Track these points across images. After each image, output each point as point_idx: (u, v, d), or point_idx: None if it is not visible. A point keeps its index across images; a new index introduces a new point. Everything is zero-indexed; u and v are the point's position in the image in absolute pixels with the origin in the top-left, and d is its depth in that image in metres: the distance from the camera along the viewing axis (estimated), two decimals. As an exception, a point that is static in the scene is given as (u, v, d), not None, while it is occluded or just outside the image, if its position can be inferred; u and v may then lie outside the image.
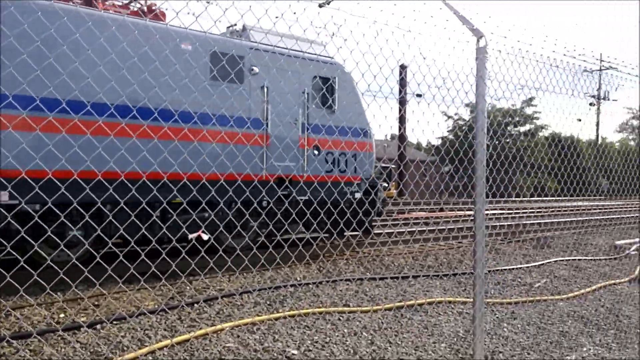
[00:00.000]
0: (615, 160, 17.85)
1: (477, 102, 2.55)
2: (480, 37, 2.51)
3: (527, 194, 24.97)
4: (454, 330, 6.34)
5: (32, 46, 6.76)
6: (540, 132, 33.96)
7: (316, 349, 5.52)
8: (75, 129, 6.96)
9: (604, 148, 33.97)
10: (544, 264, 10.81)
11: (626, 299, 8.22)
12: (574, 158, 5.28)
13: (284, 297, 7.49)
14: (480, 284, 2.66)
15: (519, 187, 23.21)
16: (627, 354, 5.66)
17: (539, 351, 5.66)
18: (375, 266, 10.01)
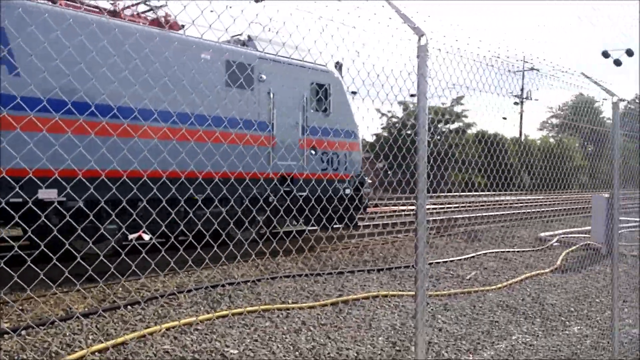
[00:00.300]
0: (536, 156, 18.87)
1: (418, 99, 2.60)
2: (421, 35, 2.57)
3: (458, 189, 25.88)
4: (391, 323, 6.48)
5: (88, 57, 7.29)
6: (468, 129, 35.28)
7: (256, 348, 5.47)
8: (104, 131, 7.70)
9: (527, 145, 35.77)
10: (474, 257, 11.25)
11: (550, 288, 8.71)
12: (500, 154, 5.51)
13: (222, 295, 7.38)
14: (422, 278, 2.72)
15: (451, 182, 24.01)
16: (553, 340, 6.00)
17: (472, 341, 5.89)
18: (313, 262, 10.06)
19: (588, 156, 20.91)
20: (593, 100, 35.99)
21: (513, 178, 24.09)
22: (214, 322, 6.15)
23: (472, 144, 19.18)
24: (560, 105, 58.03)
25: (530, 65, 8.42)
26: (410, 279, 9.07)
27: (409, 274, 9.48)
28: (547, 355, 5.48)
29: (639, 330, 6.39)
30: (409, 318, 6.70)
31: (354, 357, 5.29)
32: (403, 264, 10.11)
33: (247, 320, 6.32)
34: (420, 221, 2.63)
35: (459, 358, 5.34)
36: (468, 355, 5.42)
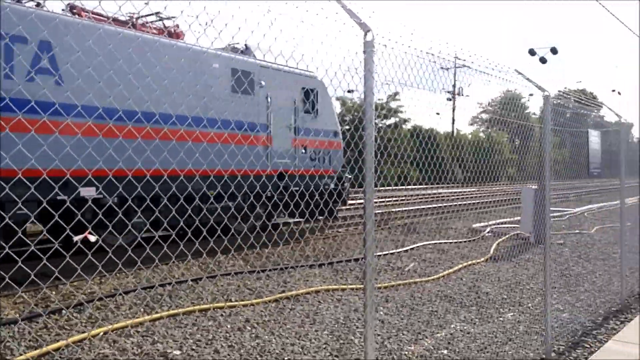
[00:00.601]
0: (467, 150, 19.67)
1: (365, 95, 2.62)
2: (367, 31, 2.59)
3: (397, 182, 26.47)
4: (335, 317, 6.54)
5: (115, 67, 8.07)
6: (404, 124, 36.09)
7: (199, 348, 5.38)
8: (129, 134, 8.25)
9: (459, 140, 37.01)
10: (413, 249, 11.54)
11: (484, 277, 9.07)
12: (433, 149, 5.67)
13: (162, 296, 7.19)
14: (370, 272, 2.75)
15: (390, 177, 24.63)
16: (489, 327, 6.25)
17: (413, 331, 6.04)
18: (255, 259, 9.99)
19: (516, 150, 21.68)
20: (520, 96, 37.64)
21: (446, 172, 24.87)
22: (153, 324, 5.99)
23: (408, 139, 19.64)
24: (490, 101, 60.41)
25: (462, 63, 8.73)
26: (351, 273, 9.19)
27: (350, 267, 9.61)
28: (484, 342, 5.70)
29: (568, 314, 6.79)
30: (351, 311, 6.79)
31: (298, 352, 5.31)
32: (344, 258, 10.23)
33: (189, 320, 6.19)
34: (369, 215, 2.66)
35: (401, 348, 5.46)
36: (410, 346, 5.56)
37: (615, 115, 7.65)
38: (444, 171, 6.98)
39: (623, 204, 7.74)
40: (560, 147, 8.31)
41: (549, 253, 5.32)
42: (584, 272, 9.54)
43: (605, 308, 7.11)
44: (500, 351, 5.40)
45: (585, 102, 7.41)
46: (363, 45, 2.62)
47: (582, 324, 6.39)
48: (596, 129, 20.57)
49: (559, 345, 5.61)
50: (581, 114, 8.04)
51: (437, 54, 3.93)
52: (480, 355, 5.27)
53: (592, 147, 28.05)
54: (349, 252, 11.12)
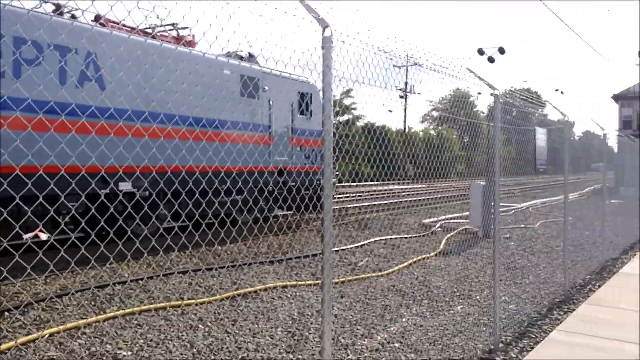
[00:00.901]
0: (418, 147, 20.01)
1: (324, 90, 2.61)
2: (325, 26, 2.58)
3: (349, 179, 26.67)
4: (289, 313, 6.54)
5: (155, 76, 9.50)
6: (357, 121, 36.37)
7: (150, 348, 5.26)
8: (154, 134, 9.07)
9: (410, 137, 37.62)
10: (365, 244, 11.66)
11: (434, 271, 9.27)
12: (385, 145, 5.74)
13: (111, 296, 6.98)
14: (328, 267, 2.76)
15: (342, 172, 24.80)
16: (439, 320, 6.39)
17: (366, 325, 6.11)
18: (207, 256, 9.85)
19: (465, 146, 22.36)
20: (469, 95, 38.67)
21: (398, 168, 25.23)
22: (103, 325, 5.81)
23: (360, 136, 19.89)
24: (440, 99, 61.74)
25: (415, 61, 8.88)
26: (305, 269, 9.20)
27: (304, 263, 9.61)
28: (435, 334, 5.83)
29: (514, 306, 7.03)
30: (306, 307, 6.80)
31: (253, 350, 5.27)
32: (299, 255, 10.23)
33: (140, 320, 6.04)
34: (327, 211, 2.66)
35: (355, 343, 5.51)
36: (363, 340, 5.62)
37: (560, 113, 7.97)
38: (396, 167, 7.08)
39: (567, 199, 8.07)
40: (508, 144, 8.65)
41: (498, 246, 5.49)
42: (529, 265, 9.90)
43: (550, 299, 7.40)
44: (450, 343, 5.53)
45: (531, 100, 7.67)
46: (321, 40, 2.62)
47: (527, 315, 6.63)
48: (541, 126, 21.45)
49: (506, 336, 5.80)
50: (528, 112, 8.33)
51: (391, 51, 3.97)
52: (431, 348, 5.38)
53: (539, 145, 29.60)
54: (303, 247, 11.13)
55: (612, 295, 7.50)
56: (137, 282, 7.69)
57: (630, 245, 12.53)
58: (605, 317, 6.36)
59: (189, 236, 5.37)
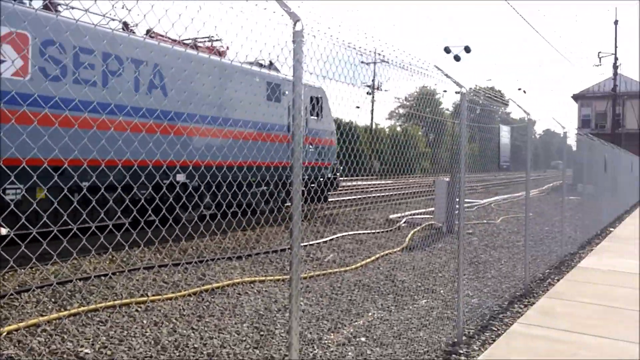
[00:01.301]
0: (385, 144, 20.73)
1: (294, 84, 2.60)
2: (297, 20, 2.57)
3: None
4: (255, 308, 6.51)
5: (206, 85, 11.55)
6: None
7: (113, 345, 5.16)
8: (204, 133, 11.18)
9: (377, 133, 37.91)
10: (332, 239, 11.71)
11: (399, 265, 9.38)
12: (353, 141, 5.77)
13: (72, 292, 6.81)
14: (297, 263, 2.76)
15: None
16: (404, 314, 6.48)
17: (332, 320, 6.14)
18: (172, 251, 9.71)
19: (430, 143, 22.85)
20: (435, 92, 39.23)
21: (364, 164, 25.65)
22: (64, 322, 5.67)
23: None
24: (407, 96, 62.25)
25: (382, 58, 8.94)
26: (272, 264, 9.18)
27: (270, 259, 9.59)
28: (400, 328, 5.91)
29: (477, 299, 7.18)
30: (272, 303, 6.78)
31: (218, 346, 5.23)
32: (265, 250, 10.20)
33: (102, 317, 5.92)
34: (296, 206, 2.66)
35: (322, 337, 5.53)
36: (329, 335, 5.65)
37: (523, 111, 8.15)
38: (362, 163, 7.13)
39: (528, 195, 8.27)
40: (472, 141, 8.84)
41: (463, 241, 5.59)
42: (490, 260, 10.12)
43: (511, 293, 7.59)
44: (415, 337, 5.62)
45: (495, 98, 7.82)
46: (292, 35, 2.60)
47: (489, 308, 6.78)
48: (505, 124, 22.40)
49: (469, 329, 5.92)
50: (493, 110, 8.49)
51: (360, 47, 3.98)
52: (396, 342, 5.45)
53: (503, 142, 30.68)
54: (269, 243, 11.10)
55: (571, 289, 7.74)
56: (100, 278, 7.53)
57: (588, 240, 12.96)
58: (563, 310, 6.57)
59: (156, 231, 5.29)
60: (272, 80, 14.08)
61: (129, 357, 4.88)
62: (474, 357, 5.01)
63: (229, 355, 4.99)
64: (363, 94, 28.59)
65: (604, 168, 14.87)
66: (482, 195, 25.63)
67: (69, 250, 3.74)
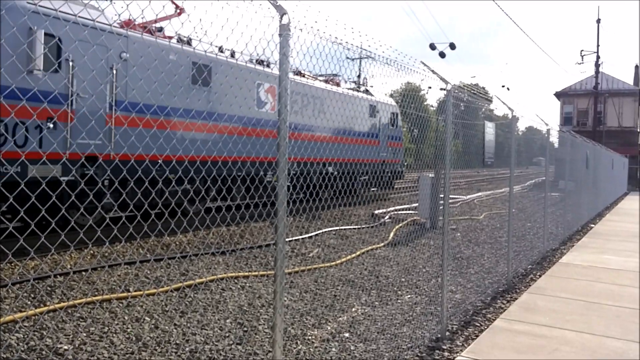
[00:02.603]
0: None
1: (280, 79, 2.56)
2: (283, 14, 2.52)
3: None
4: (238, 304, 6.47)
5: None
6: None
7: (93, 341, 5.08)
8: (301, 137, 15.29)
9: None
10: (316, 235, 11.69)
11: (383, 261, 9.39)
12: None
13: (52, 288, 6.70)
14: (281, 259, 2.72)
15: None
16: (388, 310, 6.48)
17: (316, 316, 6.12)
18: (155, 247, 9.61)
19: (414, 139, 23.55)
20: (419, 89, 39.27)
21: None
22: (43, 318, 5.57)
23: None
24: (392, 92, 62.32)
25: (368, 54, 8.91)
26: (256, 260, 9.13)
27: (254, 254, 9.54)
28: (384, 324, 5.91)
29: (460, 295, 7.21)
30: (255, 298, 6.74)
31: (201, 342, 5.18)
32: (249, 245, 10.14)
33: (82, 313, 5.83)
34: (281, 202, 2.62)
35: (306, 333, 5.51)
36: (313, 330, 5.62)
37: (508, 108, 8.19)
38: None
39: (512, 191, 8.32)
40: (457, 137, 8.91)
41: (446, 238, 5.60)
42: (474, 256, 10.19)
43: (493, 288, 7.64)
44: (399, 332, 5.62)
45: (479, 95, 7.83)
46: (279, 28, 2.56)
47: (472, 303, 6.82)
48: (489, 121, 23.92)
49: (452, 324, 5.94)
50: (477, 107, 8.51)
51: (347, 42, 3.94)
52: (380, 337, 5.45)
53: (488, 139, 33.12)
54: (253, 238, 11.04)
55: (552, 284, 7.82)
56: (81, 273, 7.42)
57: (569, 236, 13.11)
58: (545, 305, 6.63)
59: (137, 226, 5.20)
60: (373, 103, 19.91)
61: (109, 353, 4.81)
62: (457, 353, 5.02)
63: (211, 352, 4.95)
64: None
65: (585, 165, 15.04)
66: (465, 190, 25.79)
67: (49, 246, 3.65)
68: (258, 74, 13.32)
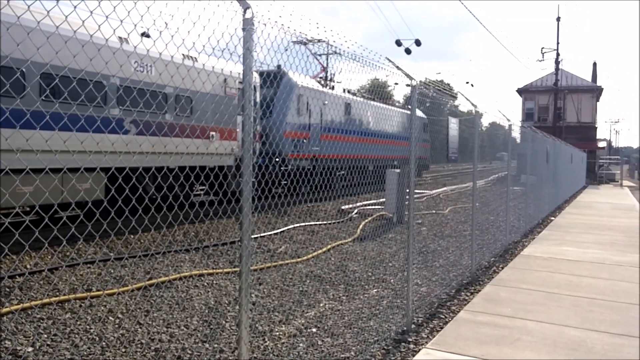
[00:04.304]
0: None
1: (244, 74, 2.53)
2: (246, 8, 2.49)
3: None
4: (205, 302, 6.41)
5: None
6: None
7: (55, 343, 4.96)
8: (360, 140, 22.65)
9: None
10: (284, 231, 11.67)
11: (351, 256, 9.45)
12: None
13: (10, 289, 6.50)
14: (247, 255, 2.70)
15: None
16: (355, 304, 6.53)
17: (284, 311, 6.12)
18: (119, 245, 9.43)
19: None
20: (386, 85, 39.62)
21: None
22: (1, 319, 5.40)
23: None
24: (359, 88, 62.60)
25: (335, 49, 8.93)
26: (223, 257, 9.06)
27: (221, 251, 9.46)
28: (351, 318, 5.95)
29: (426, 288, 7.32)
30: (222, 295, 6.70)
31: (166, 341, 5.11)
32: (216, 242, 10.05)
33: (43, 314, 5.68)
34: (246, 198, 2.60)
35: (273, 329, 5.50)
36: (280, 326, 5.62)
37: (471, 104, 8.32)
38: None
39: (475, 186, 8.48)
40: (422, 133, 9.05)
41: (412, 232, 5.66)
42: (439, 249, 10.35)
43: (458, 281, 7.78)
44: (365, 326, 5.67)
45: (444, 91, 7.95)
46: (242, 22, 2.52)
47: (437, 296, 6.93)
48: (453, 117, 26.55)
49: (418, 317, 6.03)
50: (443, 103, 8.64)
51: (312, 38, 3.94)
52: (347, 331, 5.49)
53: (451, 134, 38.66)
54: (220, 235, 10.95)
55: (514, 275, 8.01)
56: (41, 273, 7.22)
57: (530, 229, 13.45)
58: (507, 296, 6.79)
59: (98, 225, 5.09)
60: (423, 121, 27.84)
61: (71, 354, 4.70)
62: (422, 345, 5.10)
63: (177, 350, 4.89)
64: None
65: (546, 160, 15.44)
66: (431, 186, 26.15)
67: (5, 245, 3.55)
68: (369, 105, 21.72)
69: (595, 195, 27.75)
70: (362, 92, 25.74)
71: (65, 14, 2.36)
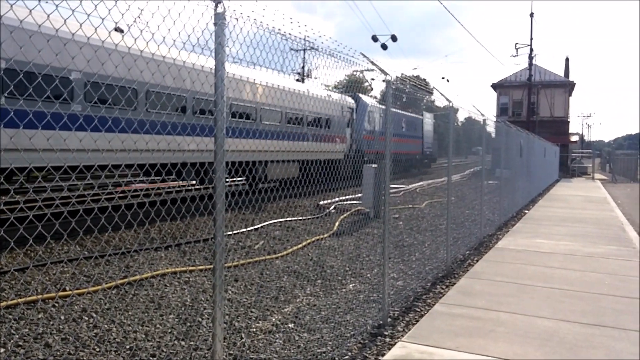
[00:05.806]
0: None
1: (216, 69, 2.51)
2: (218, 2, 2.47)
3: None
4: (181, 299, 6.37)
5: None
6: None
7: (27, 344, 4.87)
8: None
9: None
10: (261, 227, 11.64)
11: (328, 251, 9.48)
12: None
13: (-20, 289, 6.36)
14: (220, 252, 2.69)
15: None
16: (332, 299, 6.56)
17: (261, 308, 6.12)
18: (93, 244, 9.29)
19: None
20: (363, 80, 39.81)
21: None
22: (-29, 321, 5.29)
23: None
24: (336, 83, 62.59)
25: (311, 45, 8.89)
26: (200, 254, 9.00)
27: (198, 248, 9.40)
28: (328, 313, 5.98)
29: (402, 282, 7.38)
30: (199, 293, 6.66)
31: (142, 339, 5.07)
32: (192, 239, 9.98)
33: (14, 314, 5.57)
34: (219, 194, 2.58)
35: (250, 326, 5.50)
36: (257, 322, 5.62)
37: (446, 100, 8.40)
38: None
39: (450, 180, 8.58)
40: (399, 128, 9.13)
41: (388, 227, 5.71)
42: (415, 243, 10.45)
43: (433, 274, 7.87)
44: (342, 321, 5.70)
45: (420, 87, 8.00)
46: (214, 17, 2.50)
47: (413, 290, 7.00)
48: (429, 112, 26.76)
49: (394, 311, 6.09)
50: (419, 98, 8.71)
51: (287, 33, 3.93)
52: (324, 326, 5.51)
53: (426, 129, 41.81)
54: (197, 232, 10.88)
55: (488, 268, 8.14)
56: (14, 273, 7.08)
57: (505, 222, 13.66)
58: (481, 289, 6.89)
59: (72, 224, 5.02)
60: (413, 119, 36.00)
61: (44, 355, 4.63)
62: (398, 338, 5.15)
63: (153, 348, 4.85)
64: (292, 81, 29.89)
65: (519, 153, 15.68)
66: (408, 180, 26.35)
67: None
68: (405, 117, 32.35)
69: (568, 188, 28.30)
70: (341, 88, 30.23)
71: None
